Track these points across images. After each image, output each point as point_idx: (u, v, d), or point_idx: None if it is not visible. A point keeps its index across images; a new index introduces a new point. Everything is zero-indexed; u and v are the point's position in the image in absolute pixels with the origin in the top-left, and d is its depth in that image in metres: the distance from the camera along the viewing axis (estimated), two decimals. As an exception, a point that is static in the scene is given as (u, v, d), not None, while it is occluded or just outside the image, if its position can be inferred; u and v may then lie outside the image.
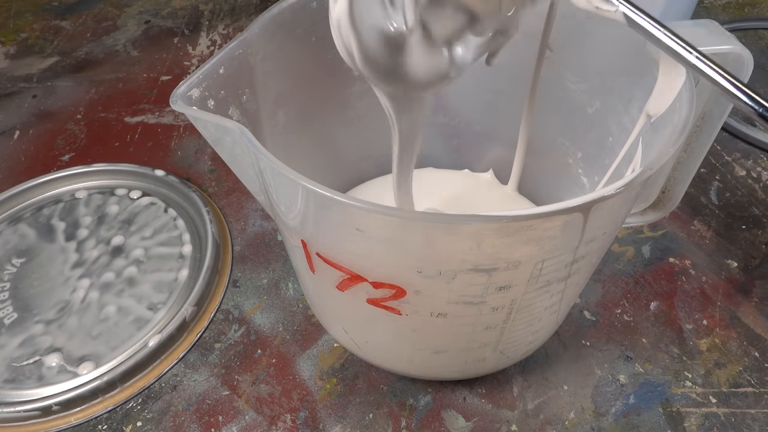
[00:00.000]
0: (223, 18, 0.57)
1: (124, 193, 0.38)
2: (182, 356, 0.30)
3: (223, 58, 0.22)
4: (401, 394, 0.29)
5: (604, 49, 0.27)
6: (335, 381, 0.29)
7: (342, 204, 0.17)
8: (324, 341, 0.31)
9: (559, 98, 0.30)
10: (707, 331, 0.31)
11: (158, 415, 0.28)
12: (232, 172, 0.23)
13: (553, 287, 0.21)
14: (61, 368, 0.29)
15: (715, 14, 0.56)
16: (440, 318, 0.22)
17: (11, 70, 0.51)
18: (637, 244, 0.35)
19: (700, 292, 0.33)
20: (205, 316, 0.32)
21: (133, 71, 0.50)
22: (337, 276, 0.21)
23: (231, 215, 0.38)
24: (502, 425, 0.28)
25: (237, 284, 0.34)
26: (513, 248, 0.19)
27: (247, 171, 0.22)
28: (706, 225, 0.37)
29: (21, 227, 0.36)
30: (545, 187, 0.35)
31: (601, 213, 0.18)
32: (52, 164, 0.41)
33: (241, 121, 0.23)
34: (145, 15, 0.58)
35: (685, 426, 0.28)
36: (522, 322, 0.23)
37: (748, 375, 0.29)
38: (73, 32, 0.55)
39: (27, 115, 0.46)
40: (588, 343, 0.31)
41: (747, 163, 0.41)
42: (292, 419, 0.28)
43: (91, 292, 0.32)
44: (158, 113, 0.46)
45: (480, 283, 0.20)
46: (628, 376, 0.29)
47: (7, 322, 0.31)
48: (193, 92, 0.21)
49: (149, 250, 0.35)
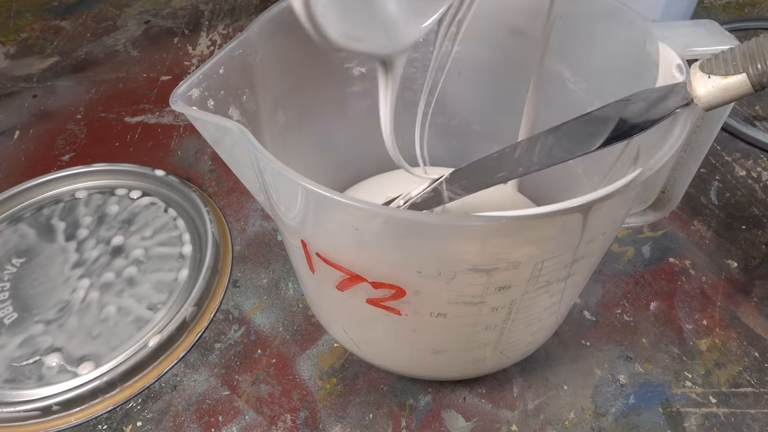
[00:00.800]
0: (223, 18, 0.57)
1: (124, 193, 0.38)
2: (182, 356, 0.30)
3: (223, 58, 0.22)
4: (401, 394, 0.29)
5: (604, 49, 0.27)
6: (335, 381, 0.29)
7: (341, 204, 0.17)
8: (324, 341, 0.31)
9: (559, 98, 0.30)
10: (707, 331, 0.31)
11: (158, 415, 0.28)
12: (232, 172, 0.23)
13: (552, 287, 0.21)
14: (61, 368, 0.29)
15: (715, 14, 0.56)
16: (440, 318, 0.22)
17: (11, 70, 0.51)
18: (637, 244, 0.35)
19: (700, 292, 0.33)
20: (205, 316, 0.32)
21: (133, 71, 0.50)
22: (337, 276, 0.21)
23: (231, 215, 0.38)
24: (502, 425, 0.28)
25: (237, 284, 0.34)
26: (513, 248, 0.19)
27: (247, 171, 0.22)
28: (706, 225, 0.37)
29: (21, 227, 0.36)
30: (545, 187, 0.35)
31: (600, 213, 0.18)
32: (52, 164, 0.41)
33: (240, 121, 0.23)
34: (145, 15, 0.58)
35: (685, 426, 0.28)
36: (522, 322, 0.23)
37: (748, 375, 0.29)
38: (73, 32, 0.55)
39: (27, 115, 0.46)
40: (588, 343, 0.31)
41: (747, 163, 0.41)
42: (292, 419, 0.28)
43: (91, 292, 0.32)
44: (158, 113, 0.46)
45: (480, 283, 0.19)
46: (628, 376, 0.29)
47: (7, 322, 0.31)
48: (193, 92, 0.21)
49: (149, 250, 0.35)
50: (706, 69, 0.18)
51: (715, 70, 0.18)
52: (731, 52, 0.18)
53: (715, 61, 0.18)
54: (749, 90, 0.18)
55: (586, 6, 0.27)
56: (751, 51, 0.17)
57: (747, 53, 0.18)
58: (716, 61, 0.18)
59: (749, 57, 0.17)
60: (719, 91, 0.18)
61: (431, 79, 0.29)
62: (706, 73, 0.18)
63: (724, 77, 0.18)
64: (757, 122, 0.44)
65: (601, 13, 0.26)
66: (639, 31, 0.24)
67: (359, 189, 0.36)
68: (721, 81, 0.18)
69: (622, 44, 0.25)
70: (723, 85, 0.18)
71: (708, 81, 0.18)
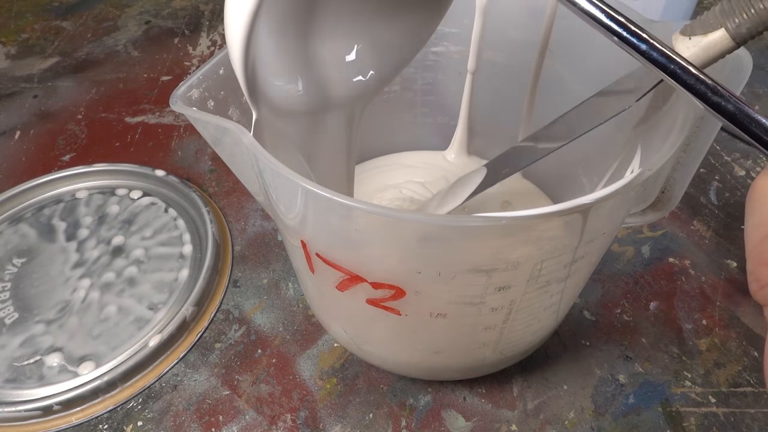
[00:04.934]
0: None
1: (125, 193, 0.38)
2: (182, 356, 0.30)
3: (223, 59, 0.22)
4: (401, 394, 0.29)
5: (604, 49, 0.27)
6: (335, 381, 0.29)
7: (341, 205, 0.17)
8: (324, 341, 0.31)
9: (559, 98, 0.30)
10: (707, 331, 0.31)
11: (159, 414, 0.28)
12: (232, 172, 0.23)
13: (552, 287, 0.21)
14: (61, 368, 0.29)
15: (716, 14, 0.56)
16: (440, 318, 0.22)
17: (12, 70, 0.51)
18: (637, 244, 0.35)
19: (700, 292, 0.33)
20: (206, 316, 0.32)
21: (134, 71, 0.50)
22: (337, 276, 0.21)
23: (231, 215, 0.38)
24: (502, 425, 0.28)
25: (237, 284, 0.34)
26: (512, 249, 0.19)
27: (247, 171, 0.22)
28: (706, 225, 0.37)
29: (22, 227, 0.36)
30: (545, 187, 0.36)
31: (600, 213, 0.18)
32: (52, 164, 0.41)
33: (240, 121, 0.23)
34: (146, 15, 0.58)
35: (684, 426, 0.28)
36: (521, 322, 0.23)
37: (748, 375, 0.29)
38: (73, 32, 0.55)
39: (28, 116, 0.46)
40: (588, 343, 0.31)
41: (746, 163, 0.41)
42: (293, 419, 0.28)
43: (92, 292, 0.33)
44: (159, 113, 0.46)
45: (479, 283, 0.20)
46: (627, 376, 0.29)
47: (8, 321, 0.31)
48: (193, 93, 0.21)
49: (150, 250, 0.35)
50: (688, 32, 0.19)
51: (695, 32, 0.19)
52: (709, 12, 0.19)
53: (695, 23, 0.19)
54: (730, 44, 0.18)
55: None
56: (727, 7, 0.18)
57: (724, 10, 0.18)
58: (696, 24, 0.19)
59: (726, 12, 0.18)
60: (701, 50, 0.18)
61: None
62: (687, 35, 0.19)
63: (704, 36, 0.18)
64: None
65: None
66: (638, 32, 0.24)
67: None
68: (702, 40, 0.18)
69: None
70: (704, 44, 0.18)
71: (689, 42, 0.19)
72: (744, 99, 0.16)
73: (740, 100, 0.16)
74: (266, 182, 0.21)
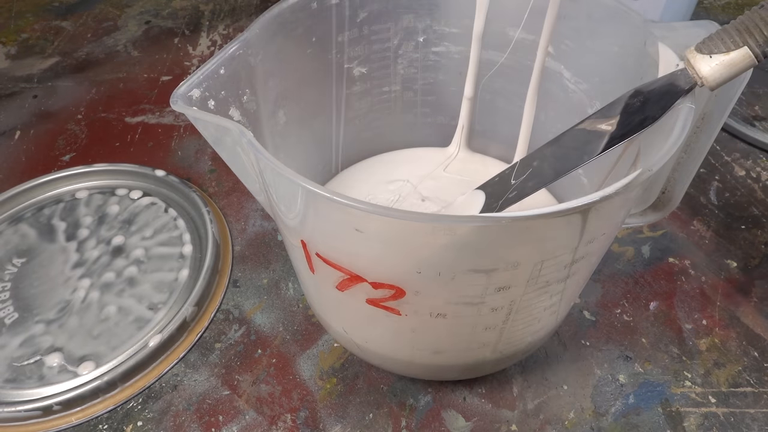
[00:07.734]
0: (223, 18, 0.57)
1: (125, 193, 0.38)
2: (182, 356, 0.30)
3: (224, 59, 0.22)
4: (401, 394, 0.29)
5: (604, 49, 0.27)
6: (335, 381, 0.29)
7: (341, 205, 0.17)
8: (324, 341, 0.31)
9: (559, 98, 0.30)
10: (707, 331, 0.31)
11: (159, 414, 0.28)
12: (232, 172, 0.23)
13: (552, 288, 0.21)
14: (61, 368, 0.29)
15: (715, 14, 0.56)
16: (440, 318, 0.22)
17: (12, 70, 0.51)
18: (637, 244, 0.35)
19: (700, 292, 0.33)
20: (206, 316, 0.32)
21: (134, 71, 0.50)
22: (337, 276, 0.21)
23: (231, 215, 0.38)
24: (502, 425, 0.28)
25: (237, 284, 0.34)
26: (512, 249, 0.19)
27: (247, 171, 0.22)
28: (706, 225, 0.37)
29: (22, 227, 0.36)
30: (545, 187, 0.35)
31: (600, 214, 0.18)
32: (52, 164, 0.41)
33: (241, 121, 0.23)
34: (146, 15, 0.58)
35: (684, 426, 0.28)
36: (521, 322, 0.23)
37: (748, 375, 0.29)
38: (73, 32, 0.55)
39: (28, 116, 0.46)
40: (588, 343, 0.31)
41: (746, 163, 0.41)
42: (293, 419, 0.28)
43: (92, 292, 0.33)
44: (159, 113, 0.46)
45: (479, 283, 0.20)
46: (627, 376, 0.29)
47: (8, 321, 0.31)
48: (193, 92, 0.21)
49: (150, 250, 0.35)
50: (705, 50, 0.19)
51: (714, 50, 0.19)
52: (725, 30, 0.19)
53: (711, 41, 0.19)
54: (752, 61, 0.18)
55: (587, 7, 0.27)
56: (746, 24, 0.18)
57: (743, 27, 0.18)
58: (712, 41, 0.19)
59: (746, 30, 0.18)
60: (724, 68, 0.19)
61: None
62: (706, 53, 0.19)
63: (726, 54, 0.18)
64: (757, 122, 0.44)
65: (601, 14, 0.26)
66: (639, 32, 0.24)
67: (345, 176, 0.36)
68: (724, 58, 0.19)
69: (622, 44, 0.26)
70: (727, 62, 0.19)
71: (710, 60, 0.19)
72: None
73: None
74: (267, 182, 0.21)
